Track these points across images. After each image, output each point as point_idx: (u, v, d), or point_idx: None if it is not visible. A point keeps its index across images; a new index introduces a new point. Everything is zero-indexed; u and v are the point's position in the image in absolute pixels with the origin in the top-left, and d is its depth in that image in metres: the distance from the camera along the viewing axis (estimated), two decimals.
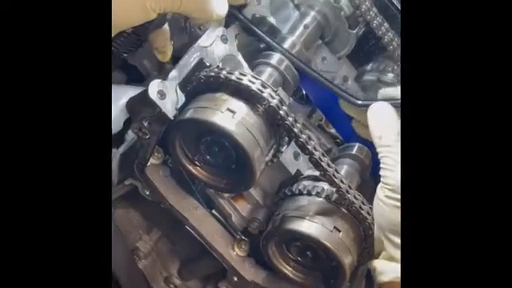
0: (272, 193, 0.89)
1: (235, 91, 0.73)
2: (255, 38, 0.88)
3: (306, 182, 0.83)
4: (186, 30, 0.93)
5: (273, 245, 0.83)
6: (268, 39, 0.86)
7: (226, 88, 0.74)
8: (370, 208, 0.82)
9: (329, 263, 0.80)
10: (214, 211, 0.91)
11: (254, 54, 0.88)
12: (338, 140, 1.03)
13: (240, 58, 0.84)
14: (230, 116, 0.71)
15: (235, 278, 0.91)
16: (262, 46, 0.89)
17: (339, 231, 0.79)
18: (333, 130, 1.04)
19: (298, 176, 0.86)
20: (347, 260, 0.78)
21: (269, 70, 0.84)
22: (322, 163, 0.77)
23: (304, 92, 0.97)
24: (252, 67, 0.85)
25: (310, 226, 0.78)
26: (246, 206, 0.90)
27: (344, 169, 0.91)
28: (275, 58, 0.85)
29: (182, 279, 1.04)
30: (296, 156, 0.87)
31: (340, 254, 0.78)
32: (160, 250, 1.01)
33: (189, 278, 1.04)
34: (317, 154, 0.77)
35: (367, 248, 0.84)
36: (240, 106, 0.73)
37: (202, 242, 0.90)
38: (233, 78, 0.73)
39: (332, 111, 0.92)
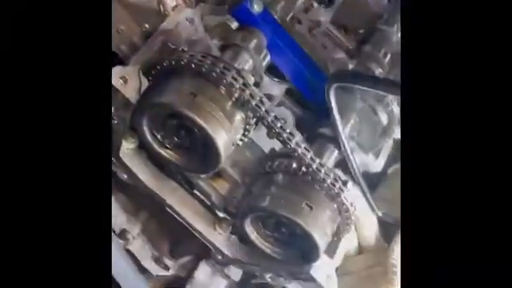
0: (250, 171, 0.90)
1: (197, 74, 0.74)
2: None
3: (279, 160, 0.84)
4: None
5: (249, 222, 0.84)
6: None
7: (189, 71, 0.74)
8: (344, 183, 0.82)
9: (303, 238, 0.81)
10: (195, 191, 0.93)
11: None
12: None
13: (208, 39, 0.84)
14: (192, 98, 0.72)
15: (219, 256, 0.93)
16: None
17: (311, 207, 0.79)
18: None
19: (272, 154, 0.86)
20: (319, 235, 0.79)
21: (237, 50, 0.85)
22: (291, 142, 0.78)
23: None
24: (222, 48, 0.86)
25: (280, 203, 0.79)
26: (226, 185, 0.92)
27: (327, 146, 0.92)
28: (241, 37, 0.85)
29: (173, 258, 1.06)
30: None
31: (311, 229, 0.78)
32: (149, 231, 1.04)
33: (179, 256, 1.06)
34: (285, 134, 0.77)
35: (345, 222, 0.85)
36: (202, 89, 0.73)
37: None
38: (194, 60, 0.74)
39: (308, 88, 0.92)
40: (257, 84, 0.91)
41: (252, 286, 1.02)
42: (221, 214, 0.92)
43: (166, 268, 1.05)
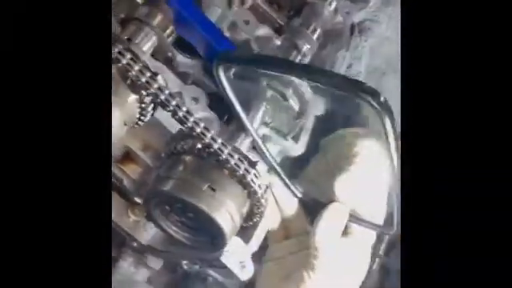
0: (160, 154, 0.85)
1: None
2: None
3: (185, 141, 0.79)
4: None
5: (155, 207, 0.80)
6: None
7: None
8: (251, 164, 0.78)
9: (208, 223, 0.76)
10: None
11: None
12: None
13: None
14: None
15: (134, 243, 0.89)
16: None
17: (213, 190, 0.75)
18: None
19: (180, 135, 0.82)
20: (222, 219, 0.75)
21: (139, 25, 0.80)
22: (187, 121, 0.73)
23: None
24: (124, 24, 0.81)
25: (180, 186, 0.75)
26: (137, 169, 0.87)
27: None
28: (145, 11, 0.80)
29: None
30: None
31: (213, 213, 0.74)
32: None
33: None
34: (180, 113, 0.73)
35: (256, 205, 0.80)
36: None
37: None
38: None
39: None
40: (168, 61, 0.87)
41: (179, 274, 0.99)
42: (137, 200, 0.88)
43: None
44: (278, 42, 0.98)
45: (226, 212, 0.75)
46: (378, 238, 1.11)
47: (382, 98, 0.63)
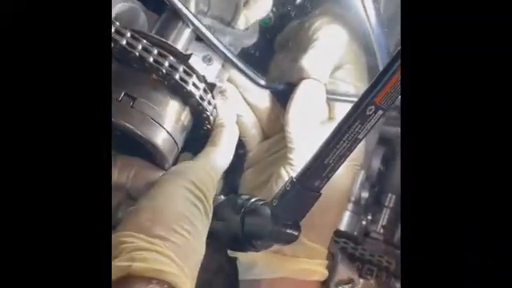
0: None
1: None
2: None
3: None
4: None
5: None
6: None
7: None
8: (179, 57, 0.62)
9: (138, 139, 0.62)
10: None
11: None
12: None
13: None
14: None
15: None
16: None
17: (133, 99, 0.60)
18: None
19: None
20: (150, 130, 0.60)
21: None
22: None
23: None
24: None
25: None
26: None
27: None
28: None
29: None
30: None
31: (136, 125, 0.59)
32: None
33: None
34: None
35: (198, 110, 0.65)
36: None
37: None
38: None
39: None
40: None
41: None
42: None
43: None
44: None
45: (153, 123, 0.61)
46: None
47: None
